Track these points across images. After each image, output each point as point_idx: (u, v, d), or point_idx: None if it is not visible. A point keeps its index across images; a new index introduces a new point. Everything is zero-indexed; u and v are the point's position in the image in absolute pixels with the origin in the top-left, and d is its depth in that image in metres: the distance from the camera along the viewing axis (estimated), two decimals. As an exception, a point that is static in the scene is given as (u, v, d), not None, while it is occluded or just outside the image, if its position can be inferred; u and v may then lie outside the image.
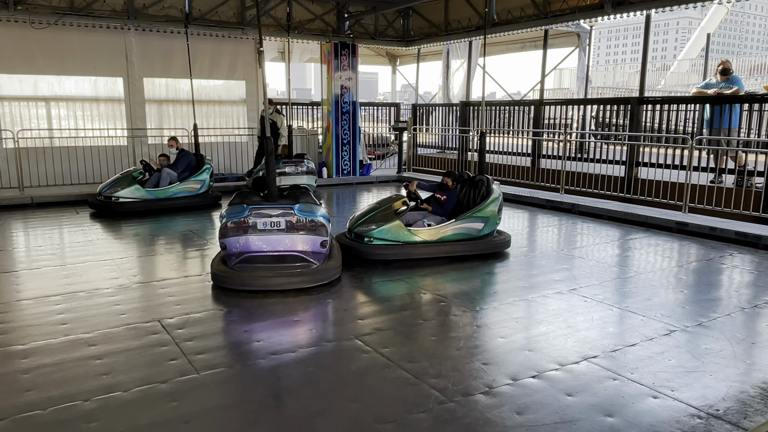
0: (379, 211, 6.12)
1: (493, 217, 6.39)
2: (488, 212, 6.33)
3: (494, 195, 6.41)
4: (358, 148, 12.97)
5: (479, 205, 6.34)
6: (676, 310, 4.60)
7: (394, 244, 6.01)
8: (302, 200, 5.32)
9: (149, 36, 11.22)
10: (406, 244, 6.05)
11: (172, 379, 3.39)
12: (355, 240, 6.08)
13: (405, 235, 6.04)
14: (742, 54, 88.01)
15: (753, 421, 2.95)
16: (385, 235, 5.97)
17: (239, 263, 5.12)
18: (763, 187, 7.63)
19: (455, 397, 3.19)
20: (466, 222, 6.25)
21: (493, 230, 6.46)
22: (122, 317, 4.41)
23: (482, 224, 6.31)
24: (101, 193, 8.68)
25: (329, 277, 5.24)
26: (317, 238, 5.20)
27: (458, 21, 12.35)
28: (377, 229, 5.97)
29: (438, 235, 6.17)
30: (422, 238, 6.11)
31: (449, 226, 6.21)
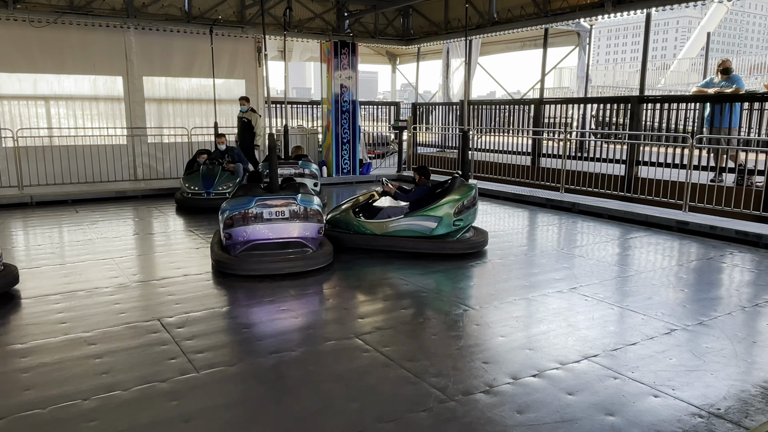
0: (345, 202, 6.65)
1: (448, 218, 6.13)
2: (442, 212, 6.13)
3: (453, 196, 6.18)
4: (357, 147, 12.96)
5: (431, 204, 6.19)
6: (676, 308, 4.59)
7: (344, 232, 6.37)
8: (302, 191, 5.85)
9: (149, 35, 11.21)
10: (356, 233, 6.32)
11: (171, 378, 3.38)
12: (329, 229, 6.42)
13: (354, 225, 6.32)
14: (742, 53, 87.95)
15: (754, 420, 2.94)
16: (337, 223, 6.43)
17: (244, 251, 5.50)
18: (763, 186, 7.63)
19: (456, 396, 3.18)
20: (416, 219, 6.19)
21: (450, 231, 6.18)
22: (122, 316, 4.40)
23: (435, 224, 6.15)
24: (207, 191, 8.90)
25: (325, 261, 5.71)
26: (316, 225, 5.71)
27: (458, 20, 12.33)
28: (331, 216, 6.52)
29: (387, 228, 6.24)
30: (371, 230, 6.27)
31: (400, 221, 6.22)
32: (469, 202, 6.31)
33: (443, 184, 6.54)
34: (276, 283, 5.25)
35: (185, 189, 9.12)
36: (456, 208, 6.19)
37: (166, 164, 11.65)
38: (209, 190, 8.95)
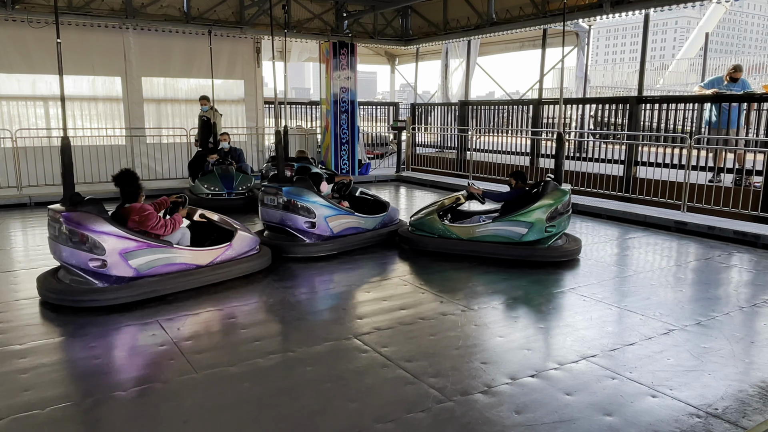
0: (430, 205, 6.58)
1: (540, 223, 5.83)
2: (533, 218, 5.83)
3: (545, 201, 5.85)
4: (356, 148, 12.96)
5: (523, 209, 5.90)
6: (674, 309, 4.60)
7: (429, 235, 6.26)
8: (297, 185, 6.07)
9: (147, 35, 11.21)
10: (440, 237, 6.20)
11: (170, 378, 3.39)
12: (412, 232, 6.47)
13: (440, 229, 6.20)
14: (741, 53, 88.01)
15: (752, 420, 2.95)
16: (422, 226, 6.32)
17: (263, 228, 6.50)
18: (761, 186, 7.64)
19: (454, 397, 3.18)
20: (505, 224, 5.93)
21: (542, 238, 5.90)
22: (121, 316, 4.40)
23: (525, 229, 5.86)
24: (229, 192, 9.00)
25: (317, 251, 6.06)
26: (301, 218, 5.99)
27: (457, 20, 12.34)
28: (416, 219, 6.42)
29: (473, 233, 6.04)
30: (456, 234, 6.12)
31: (487, 226, 6.05)
32: (563, 207, 5.95)
33: (535, 188, 6.24)
34: (278, 282, 5.25)
35: (203, 190, 9.04)
36: (548, 213, 5.85)
37: (164, 165, 11.64)
38: (230, 190, 9.02)
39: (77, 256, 4.48)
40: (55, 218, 4.65)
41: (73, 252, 4.47)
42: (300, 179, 6.24)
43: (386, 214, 6.88)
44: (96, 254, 4.47)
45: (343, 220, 6.34)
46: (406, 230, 6.60)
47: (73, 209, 4.61)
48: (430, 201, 10.16)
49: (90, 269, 4.49)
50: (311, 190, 6.13)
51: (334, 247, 6.25)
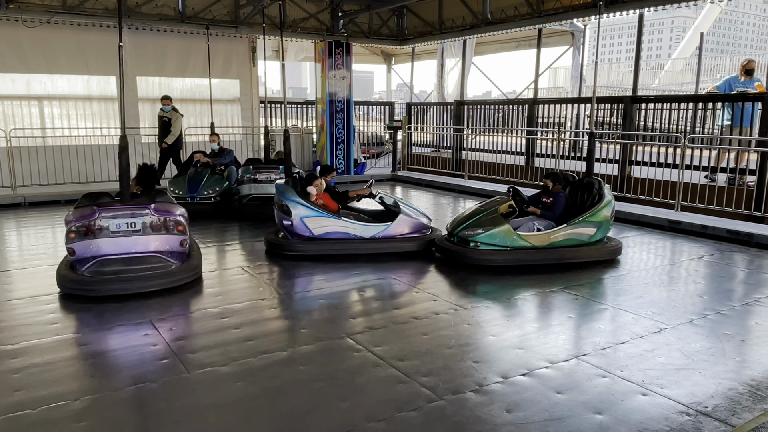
0: (485, 215, 5.85)
1: (606, 222, 6.05)
2: (601, 217, 5.98)
3: (607, 198, 6.07)
4: (352, 147, 12.97)
5: (592, 209, 5.97)
6: (667, 307, 4.62)
7: (502, 249, 5.73)
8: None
9: (142, 34, 11.18)
10: (514, 249, 5.75)
11: (162, 378, 3.39)
12: (459, 244, 5.87)
13: (514, 240, 5.73)
14: (736, 53, 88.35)
15: (741, 418, 2.97)
16: (493, 239, 5.71)
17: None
18: (755, 185, 7.68)
19: (445, 395, 3.19)
20: (577, 227, 5.89)
21: (604, 236, 6.14)
22: (114, 316, 4.39)
23: (594, 229, 5.96)
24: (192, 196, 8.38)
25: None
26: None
27: (452, 20, 12.36)
28: (485, 233, 5.71)
29: (548, 240, 5.84)
30: (531, 244, 5.78)
31: (560, 231, 5.86)
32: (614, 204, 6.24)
33: (576, 188, 6.45)
34: (272, 282, 5.25)
35: (170, 192, 8.54)
36: (612, 210, 6.11)
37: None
38: (193, 194, 8.40)
39: (170, 241, 5.06)
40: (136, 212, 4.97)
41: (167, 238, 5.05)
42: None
43: (391, 225, 6.25)
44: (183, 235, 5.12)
45: (326, 223, 6.06)
46: (450, 243, 5.99)
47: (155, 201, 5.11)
48: (427, 202, 10.19)
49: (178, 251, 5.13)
50: (293, 189, 6.12)
51: (314, 249, 6.06)
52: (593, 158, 6.84)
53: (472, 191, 10.77)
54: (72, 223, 4.84)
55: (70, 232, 4.83)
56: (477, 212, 5.96)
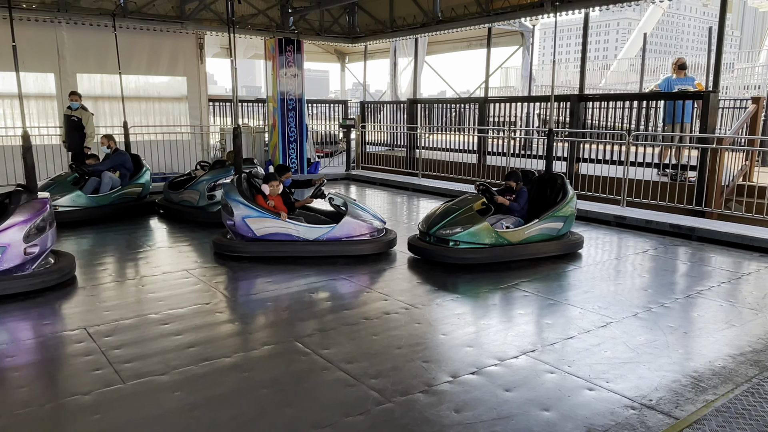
0: (461, 213, 5.78)
1: (572, 216, 6.28)
2: (568, 211, 6.20)
3: (571, 193, 6.31)
4: (305, 146, 12.78)
5: (560, 204, 6.17)
6: (612, 302, 4.69)
7: (481, 247, 5.72)
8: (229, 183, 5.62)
9: (82, 30, 10.71)
10: (492, 246, 5.76)
11: (95, 390, 3.19)
12: (437, 244, 5.78)
13: (492, 237, 5.75)
14: (678, 53, 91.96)
15: (684, 410, 3.01)
16: (473, 237, 5.67)
17: None
18: (696, 180, 7.93)
19: (394, 398, 3.12)
20: (548, 222, 6.07)
21: (568, 230, 6.34)
22: (45, 327, 4.15)
23: (562, 223, 6.15)
24: None
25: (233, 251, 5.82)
26: (225, 216, 5.91)
27: (403, 18, 12.34)
28: (464, 231, 5.66)
29: (522, 236, 5.94)
30: (508, 240, 5.85)
31: (534, 227, 5.99)
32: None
33: (539, 184, 6.61)
34: (218, 285, 5.07)
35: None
36: (575, 204, 6.34)
37: (103, 165, 11.14)
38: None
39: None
40: None
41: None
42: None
43: (336, 227, 6.05)
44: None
45: (268, 224, 5.91)
46: (427, 243, 5.88)
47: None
48: (381, 201, 10.12)
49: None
50: (236, 189, 6.00)
51: (256, 251, 5.93)
52: (552, 155, 6.97)
53: (426, 190, 10.77)
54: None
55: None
56: (451, 211, 5.87)
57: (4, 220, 4.79)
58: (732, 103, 12.78)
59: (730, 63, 24.99)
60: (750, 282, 5.38)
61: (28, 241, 4.87)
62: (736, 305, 4.64)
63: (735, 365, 3.53)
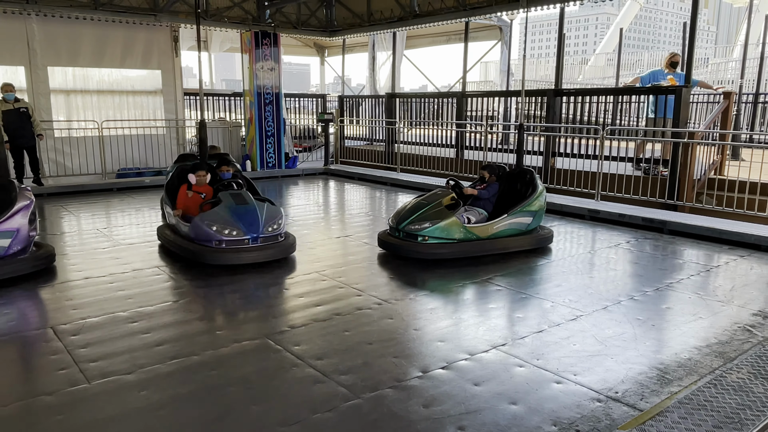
0: (430, 208, 5.78)
1: (541, 211, 6.27)
2: (537, 206, 6.19)
3: (540, 188, 6.30)
4: (283, 141, 12.70)
5: (529, 199, 6.16)
6: (583, 295, 4.74)
7: (449, 242, 5.69)
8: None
9: (53, 22, 10.46)
10: (461, 241, 5.74)
11: (58, 390, 3.13)
12: (406, 239, 5.74)
13: (461, 232, 5.73)
14: (654, 48, 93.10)
15: (649, 401, 3.04)
16: (441, 233, 5.65)
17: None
18: (668, 174, 8.04)
19: (363, 394, 3.12)
20: (517, 216, 6.06)
21: (538, 225, 6.35)
22: (10, 324, 4.06)
23: (531, 218, 6.16)
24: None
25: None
26: None
27: (381, 12, 12.28)
28: (433, 226, 5.63)
29: (491, 231, 5.91)
30: (477, 235, 5.81)
31: (502, 222, 5.97)
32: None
33: (510, 179, 6.57)
34: (186, 283, 5.01)
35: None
36: (545, 199, 6.32)
37: (75, 160, 10.95)
38: None
39: None
40: None
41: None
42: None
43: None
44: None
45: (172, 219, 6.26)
46: (396, 239, 5.83)
47: None
48: (360, 196, 10.09)
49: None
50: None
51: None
52: (523, 149, 7.01)
53: (404, 184, 10.77)
54: None
55: None
56: (420, 206, 5.87)
57: (10, 207, 5.11)
58: (705, 97, 12.99)
59: (705, 58, 25.39)
60: (719, 274, 5.47)
61: (31, 225, 5.24)
62: (704, 297, 4.71)
63: (700, 357, 3.58)
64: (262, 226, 5.58)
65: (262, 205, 5.84)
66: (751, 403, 2.96)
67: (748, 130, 12.17)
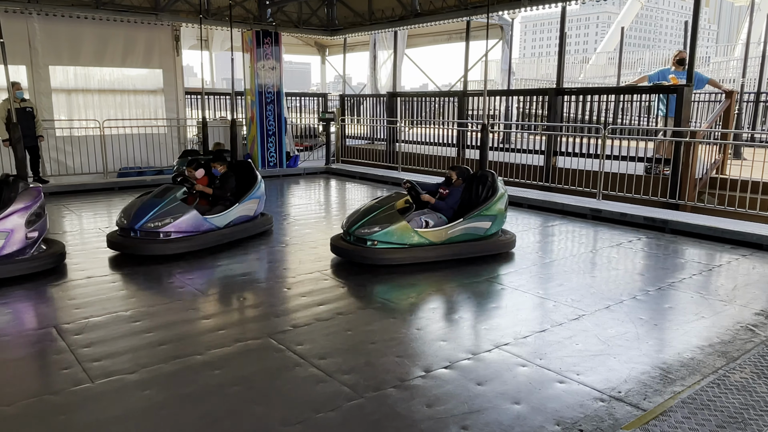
0: (381, 212, 5.55)
1: (501, 215, 5.99)
2: (496, 210, 5.91)
3: (501, 191, 6.01)
4: (284, 140, 12.70)
5: (487, 203, 5.87)
6: (585, 294, 4.74)
7: (400, 247, 5.49)
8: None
9: (55, 21, 10.46)
10: (412, 246, 5.52)
11: (63, 389, 3.14)
12: (356, 243, 5.57)
13: (411, 237, 5.50)
14: (656, 47, 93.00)
15: (652, 401, 3.05)
16: (390, 237, 5.42)
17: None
18: (670, 173, 8.03)
19: (366, 393, 3.12)
20: (474, 221, 5.78)
21: (498, 230, 6.08)
22: (13, 323, 4.07)
23: (490, 223, 5.87)
24: None
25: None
26: None
27: (382, 11, 12.28)
28: (381, 231, 5.41)
29: (445, 235, 5.66)
30: (429, 240, 5.57)
31: (457, 226, 5.71)
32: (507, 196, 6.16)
33: (471, 182, 6.26)
34: (187, 281, 5.02)
35: None
36: (506, 203, 6.04)
37: (76, 159, 10.95)
38: None
39: None
40: None
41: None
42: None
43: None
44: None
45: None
46: (347, 243, 5.68)
47: None
48: (360, 195, 10.10)
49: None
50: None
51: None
52: (486, 150, 6.87)
53: (404, 183, 10.74)
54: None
55: None
56: (373, 209, 5.65)
57: (5, 208, 5.06)
58: (707, 96, 12.97)
59: (706, 57, 25.38)
60: (721, 274, 5.47)
61: (29, 227, 5.17)
62: (707, 297, 4.71)
63: (703, 356, 3.58)
64: (144, 221, 5.73)
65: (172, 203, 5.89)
66: (755, 403, 2.96)
67: (749, 129, 12.16)
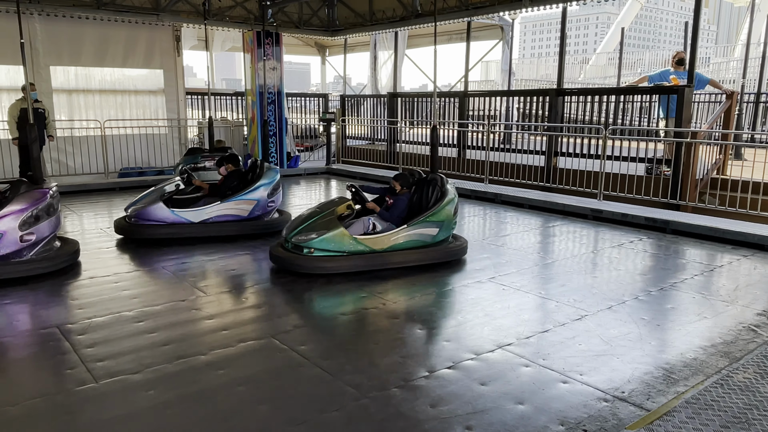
0: (320, 217, 5.27)
1: (449, 220, 5.68)
2: (443, 216, 5.61)
3: (449, 196, 5.70)
4: (285, 140, 12.70)
5: (433, 208, 5.60)
6: (588, 295, 4.74)
7: (338, 255, 5.22)
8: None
9: (55, 21, 10.47)
10: (351, 254, 5.25)
11: (67, 389, 3.15)
12: (293, 251, 5.29)
13: (350, 244, 5.22)
14: (655, 48, 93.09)
15: (655, 401, 3.05)
16: (327, 245, 5.17)
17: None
18: (670, 174, 8.03)
19: (370, 393, 3.13)
20: (418, 227, 5.49)
21: (448, 236, 5.80)
22: (17, 323, 4.07)
23: (437, 229, 5.59)
24: None
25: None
26: None
27: (383, 11, 12.29)
28: (318, 238, 5.15)
29: (388, 243, 5.38)
30: (370, 248, 5.31)
31: (400, 233, 5.42)
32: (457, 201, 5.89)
33: (421, 186, 5.97)
34: (190, 281, 5.02)
35: None
36: (455, 208, 5.78)
37: (77, 159, 10.96)
38: None
39: None
40: None
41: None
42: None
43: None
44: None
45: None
46: (284, 250, 5.38)
47: None
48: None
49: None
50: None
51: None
52: (437, 152, 6.82)
53: (405, 183, 10.75)
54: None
55: None
56: (313, 215, 5.38)
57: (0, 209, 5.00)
58: (708, 97, 13.00)
59: (706, 57, 25.39)
60: (722, 274, 5.48)
61: (24, 229, 5.08)
62: (708, 297, 4.72)
63: (706, 357, 3.59)
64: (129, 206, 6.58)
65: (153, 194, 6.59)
66: (759, 403, 2.97)
67: (749, 130, 12.17)
